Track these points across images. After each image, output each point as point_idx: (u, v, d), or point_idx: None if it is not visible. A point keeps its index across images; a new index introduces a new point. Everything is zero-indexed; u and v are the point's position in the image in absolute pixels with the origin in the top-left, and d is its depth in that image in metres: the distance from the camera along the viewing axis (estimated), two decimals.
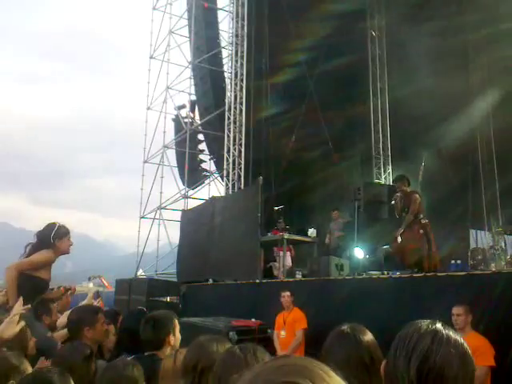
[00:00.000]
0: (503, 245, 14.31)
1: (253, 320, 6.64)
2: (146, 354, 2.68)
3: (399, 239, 6.62)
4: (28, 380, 1.84)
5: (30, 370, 2.06)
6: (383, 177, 14.18)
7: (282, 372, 0.60)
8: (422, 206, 6.76)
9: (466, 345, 1.11)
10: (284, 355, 0.82)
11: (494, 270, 6.86)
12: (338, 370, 1.49)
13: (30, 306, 2.87)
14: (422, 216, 6.61)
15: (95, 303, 3.83)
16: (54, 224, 3.79)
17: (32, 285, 3.58)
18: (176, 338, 2.71)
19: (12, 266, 3.56)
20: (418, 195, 6.79)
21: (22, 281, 3.53)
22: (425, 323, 1.11)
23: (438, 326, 1.10)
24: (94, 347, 2.89)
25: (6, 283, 3.56)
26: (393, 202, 7.09)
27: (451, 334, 1.09)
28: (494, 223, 14.32)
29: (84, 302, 3.82)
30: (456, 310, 4.26)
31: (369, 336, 1.68)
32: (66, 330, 3.14)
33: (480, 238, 15.37)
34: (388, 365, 1.11)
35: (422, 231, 6.40)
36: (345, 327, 1.71)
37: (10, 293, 3.47)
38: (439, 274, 5.35)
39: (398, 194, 6.96)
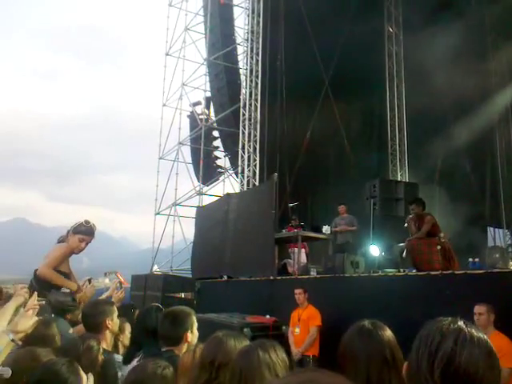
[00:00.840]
0: None
1: (267, 317, 6.65)
2: (163, 350, 2.67)
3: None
4: (37, 371, 1.85)
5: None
6: (399, 174, 14.05)
7: None
8: (437, 227, 6.76)
9: (490, 344, 1.07)
10: (308, 370, 0.81)
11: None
12: (359, 367, 1.47)
13: (43, 301, 2.91)
14: (441, 236, 6.66)
15: (118, 294, 3.84)
16: (82, 220, 3.84)
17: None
18: (194, 334, 2.69)
19: (45, 267, 3.65)
20: (431, 216, 6.78)
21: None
22: (446, 322, 1.08)
23: (461, 324, 1.07)
24: (111, 339, 2.91)
25: (52, 281, 3.63)
26: (406, 225, 7.13)
27: (475, 332, 1.06)
28: None
29: (107, 294, 3.84)
30: (478, 309, 4.18)
31: (389, 332, 1.66)
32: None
33: (498, 236, 15.18)
34: (411, 367, 1.09)
35: (439, 247, 6.40)
36: (365, 323, 1.68)
37: (64, 283, 3.58)
38: (457, 272, 5.28)
39: (411, 216, 6.98)
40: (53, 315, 3.27)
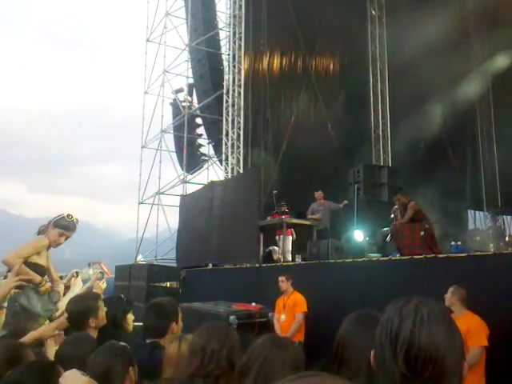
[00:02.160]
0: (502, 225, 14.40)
1: (253, 304, 6.66)
2: (147, 341, 2.65)
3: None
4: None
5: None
6: (382, 158, 14.12)
7: None
8: (422, 213, 6.86)
9: (448, 314, 1.06)
10: (311, 373, 0.80)
11: (493, 251, 6.88)
12: (361, 356, 1.44)
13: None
14: (425, 222, 6.78)
15: (100, 284, 3.76)
16: (64, 213, 3.74)
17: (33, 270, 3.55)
18: (179, 325, 2.68)
19: (13, 255, 3.50)
20: (414, 203, 6.89)
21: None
22: (403, 303, 1.06)
23: (417, 303, 1.05)
24: (94, 335, 2.87)
25: (13, 271, 3.52)
26: (392, 216, 7.23)
27: (432, 310, 1.04)
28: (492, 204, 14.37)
29: (88, 285, 3.76)
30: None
31: None
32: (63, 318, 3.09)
33: (479, 219, 15.44)
34: (376, 356, 1.07)
35: (422, 233, 6.50)
36: (364, 312, 1.65)
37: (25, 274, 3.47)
38: (440, 256, 5.35)
39: (396, 207, 7.06)
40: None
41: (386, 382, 1.04)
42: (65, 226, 3.70)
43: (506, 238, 11.68)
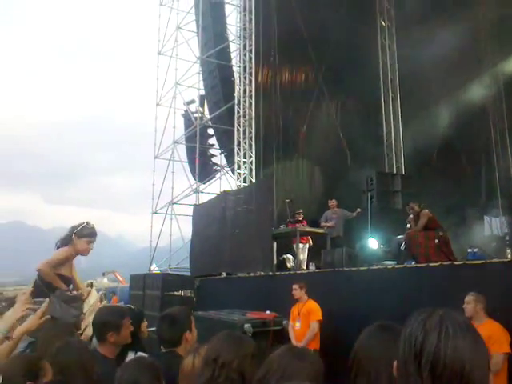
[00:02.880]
0: None
1: (267, 312, 6.65)
2: (164, 351, 2.67)
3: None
4: None
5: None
6: (395, 166, 14.06)
7: None
8: (435, 221, 6.85)
9: (473, 327, 1.04)
10: None
11: (511, 258, 6.79)
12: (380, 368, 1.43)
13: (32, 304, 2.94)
14: (439, 230, 6.79)
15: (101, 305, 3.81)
16: (83, 222, 3.81)
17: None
18: (193, 333, 2.69)
19: (45, 265, 3.63)
20: (426, 211, 6.88)
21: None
22: (427, 315, 1.04)
23: (442, 316, 1.03)
24: (115, 350, 2.87)
25: (48, 280, 3.63)
26: (408, 226, 7.22)
27: (457, 322, 1.02)
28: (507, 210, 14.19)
29: (90, 308, 3.78)
30: (466, 298, 4.23)
31: None
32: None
33: (495, 225, 15.24)
34: (399, 369, 1.06)
35: (437, 241, 6.46)
36: (382, 323, 1.61)
37: (59, 285, 3.60)
38: (456, 263, 5.30)
39: (411, 216, 7.05)
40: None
41: None
42: (90, 233, 3.80)
43: None
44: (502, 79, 13.77)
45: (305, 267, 8.89)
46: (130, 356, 2.94)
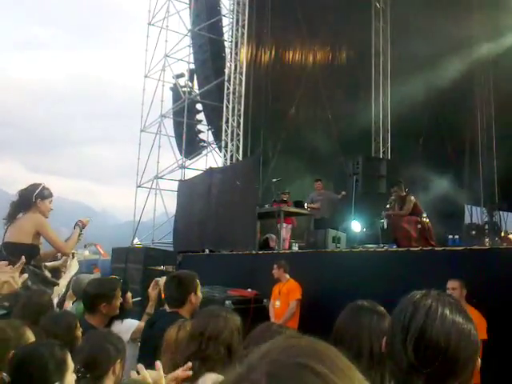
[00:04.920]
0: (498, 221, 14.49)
1: (249, 290, 6.71)
2: (168, 311, 2.78)
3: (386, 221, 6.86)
4: (20, 355, 1.77)
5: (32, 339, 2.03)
6: (382, 151, 14.13)
7: (292, 353, 0.56)
8: (419, 207, 6.89)
9: (465, 310, 1.05)
10: (294, 335, 0.78)
11: (490, 245, 6.93)
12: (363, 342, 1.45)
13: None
14: (423, 215, 6.83)
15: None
16: (38, 184, 3.75)
17: (29, 250, 3.57)
18: (197, 296, 2.84)
19: (66, 247, 3.71)
20: (412, 196, 6.91)
21: (19, 247, 3.51)
22: (419, 295, 1.06)
23: (434, 295, 1.05)
24: (105, 320, 2.92)
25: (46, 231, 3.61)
26: (388, 206, 7.24)
27: (448, 302, 1.04)
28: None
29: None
30: (451, 284, 4.29)
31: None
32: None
33: (475, 214, 15.52)
34: (387, 344, 1.08)
35: (419, 226, 6.54)
36: (363, 302, 1.66)
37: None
38: (437, 249, 5.38)
39: (393, 198, 7.06)
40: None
41: (394, 369, 1.04)
42: (50, 193, 3.78)
43: (502, 234, 11.77)
44: (491, 69, 13.82)
45: (287, 247, 8.93)
46: (116, 324, 3.00)
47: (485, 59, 13.63)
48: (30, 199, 3.62)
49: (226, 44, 13.44)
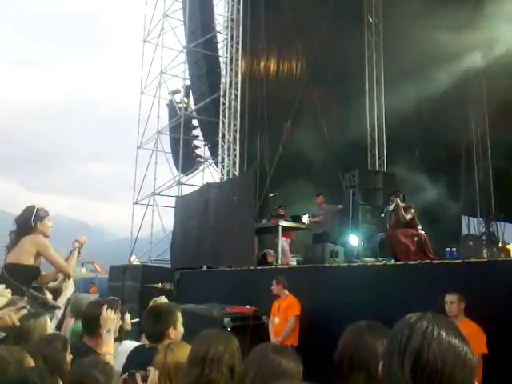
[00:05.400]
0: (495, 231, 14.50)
1: (247, 307, 6.67)
2: (147, 346, 2.68)
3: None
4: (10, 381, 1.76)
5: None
6: (378, 163, 14.18)
7: None
8: (416, 219, 6.89)
9: (461, 332, 1.05)
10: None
11: (489, 258, 6.91)
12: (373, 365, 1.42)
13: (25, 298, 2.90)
14: (419, 228, 6.79)
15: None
16: (32, 207, 3.75)
17: (30, 272, 3.57)
18: (177, 331, 2.68)
19: (63, 264, 3.69)
20: (413, 209, 6.90)
21: (20, 268, 3.51)
22: (415, 317, 1.06)
23: (430, 317, 1.05)
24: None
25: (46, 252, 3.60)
26: (382, 215, 7.23)
27: (444, 324, 1.04)
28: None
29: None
30: (449, 298, 4.28)
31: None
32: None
33: (472, 225, 15.54)
34: (384, 366, 1.07)
35: (416, 238, 6.52)
36: (368, 322, 1.62)
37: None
38: (435, 262, 5.37)
39: (389, 207, 7.04)
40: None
41: None
42: (45, 213, 3.78)
43: (500, 244, 11.78)
44: (485, 77, 13.93)
45: (290, 261, 8.92)
46: (115, 346, 2.96)
47: (477, 68, 13.74)
48: (29, 224, 3.63)
49: (221, 60, 13.57)
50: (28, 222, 3.62)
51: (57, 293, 3.86)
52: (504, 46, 12.71)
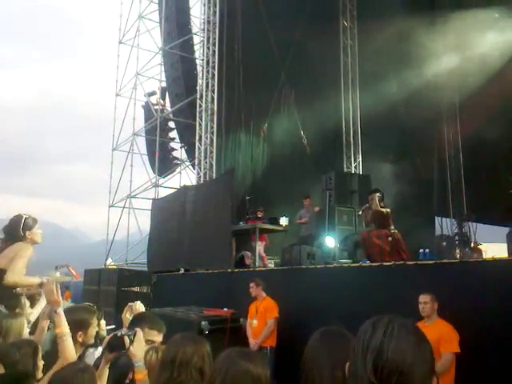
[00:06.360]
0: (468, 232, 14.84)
1: (225, 309, 6.66)
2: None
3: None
4: None
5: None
6: (353, 166, 14.36)
7: None
8: (390, 219, 6.97)
9: (421, 332, 1.10)
10: None
11: (461, 259, 7.08)
12: (324, 375, 1.45)
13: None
14: (392, 228, 6.87)
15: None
16: (20, 216, 3.69)
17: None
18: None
19: (12, 274, 3.53)
20: (389, 210, 6.98)
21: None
22: (378, 317, 1.12)
23: (391, 318, 1.10)
24: (80, 350, 2.85)
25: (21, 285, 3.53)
26: (360, 213, 7.31)
27: (404, 324, 1.09)
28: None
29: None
30: (423, 298, 4.37)
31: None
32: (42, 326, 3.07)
33: (445, 226, 15.86)
34: (350, 365, 1.12)
35: (390, 238, 6.61)
36: (328, 328, 1.66)
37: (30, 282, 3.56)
38: (408, 263, 5.48)
39: (367, 206, 7.10)
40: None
41: None
42: (34, 221, 3.72)
43: (472, 245, 12.06)
44: (457, 79, 14.24)
45: (266, 264, 8.95)
46: (90, 352, 2.93)
47: (450, 70, 14.03)
48: (18, 233, 3.59)
49: (198, 62, 13.52)
50: (17, 232, 3.60)
51: (33, 299, 3.80)
52: (477, 49, 13.06)
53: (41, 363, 2.40)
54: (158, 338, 2.55)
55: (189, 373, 1.91)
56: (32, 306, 3.67)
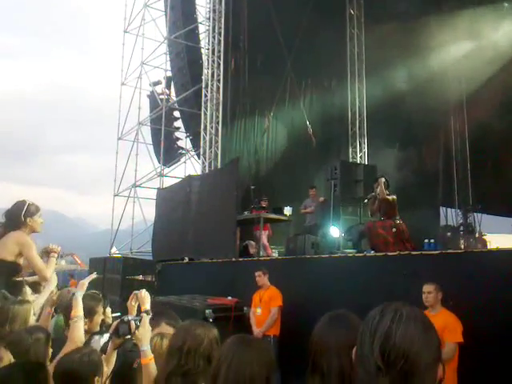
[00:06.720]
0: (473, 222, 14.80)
1: (229, 298, 6.70)
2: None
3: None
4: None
5: None
6: (359, 156, 14.30)
7: None
8: (395, 209, 6.95)
9: (428, 320, 1.12)
10: None
11: (465, 249, 7.07)
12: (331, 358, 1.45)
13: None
14: (397, 218, 6.83)
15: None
16: (23, 202, 3.67)
17: (12, 269, 3.52)
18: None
19: (44, 269, 3.53)
20: (395, 197, 6.94)
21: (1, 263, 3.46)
22: (387, 304, 1.13)
23: (399, 305, 1.11)
24: (86, 336, 2.86)
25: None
26: (366, 201, 7.26)
27: (412, 310, 1.10)
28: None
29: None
30: (426, 288, 4.38)
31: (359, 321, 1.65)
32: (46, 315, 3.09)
33: (450, 216, 15.83)
34: (357, 350, 1.13)
35: (394, 230, 6.60)
36: (335, 311, 1.65)
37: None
38: (413, 253, 5.47)
39: (373, 194, 7.07)
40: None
41: (362, 373, 1.09)
42: (37, 208, 3.70)
43: (477, 235, 12.03)
44: (464, 70, 14.11)
45: (270, 253, 8.97)
46: (95, 340, 2.95)
47: (457, 62, 13.89)
48: (19, 219, 3.55)
49: (203, 51, 13.46)
50: (18, 218, 3.55)
51: (36, 286, 3.82)
52: (485, 39, 12.92)
53: (49, 351, 2.42)
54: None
55: (196, 361, 1.92)
56: (35, 292, 3.68)
